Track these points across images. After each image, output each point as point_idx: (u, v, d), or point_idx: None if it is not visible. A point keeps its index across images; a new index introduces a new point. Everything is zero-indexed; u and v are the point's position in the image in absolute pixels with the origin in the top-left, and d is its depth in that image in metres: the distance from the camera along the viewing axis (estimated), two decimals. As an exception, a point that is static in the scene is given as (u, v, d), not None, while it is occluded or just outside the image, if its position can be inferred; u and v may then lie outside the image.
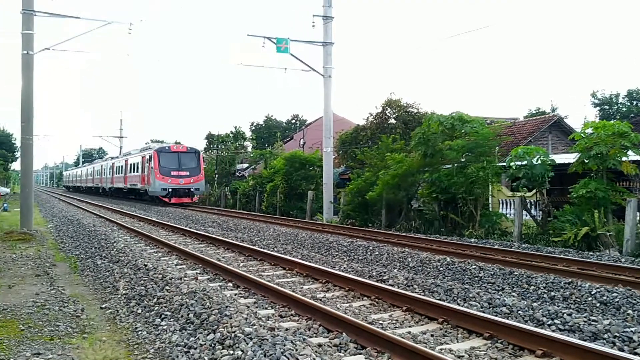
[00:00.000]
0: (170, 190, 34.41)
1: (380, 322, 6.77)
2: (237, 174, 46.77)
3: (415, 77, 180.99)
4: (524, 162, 15.79)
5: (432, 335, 6.21)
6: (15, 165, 79.29)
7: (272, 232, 17.70)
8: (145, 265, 10.26)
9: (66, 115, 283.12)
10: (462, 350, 5.68)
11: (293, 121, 75.35)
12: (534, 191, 16.36)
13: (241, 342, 5.45)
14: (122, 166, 43.50)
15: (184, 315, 6.80)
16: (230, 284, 9.09)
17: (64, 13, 19.95)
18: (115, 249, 12.96)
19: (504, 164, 17.05)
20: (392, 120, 30.86)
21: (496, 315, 6.87)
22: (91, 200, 41.13)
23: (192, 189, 35.27)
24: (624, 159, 14.32)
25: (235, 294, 8.29)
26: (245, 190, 34.61)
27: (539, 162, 15.51)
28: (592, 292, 8.32)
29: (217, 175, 45.39)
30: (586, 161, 14.51)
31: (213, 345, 5.62)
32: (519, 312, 7.13)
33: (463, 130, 17.91)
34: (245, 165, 48.73)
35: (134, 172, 39.63)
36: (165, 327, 6.52)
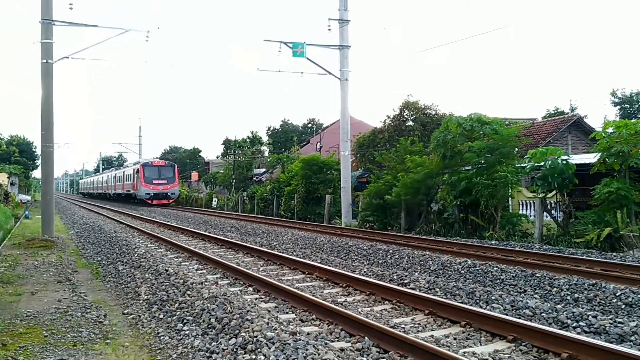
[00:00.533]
0: (152, 194, 45.06)
1: (403, 325, 6.72)
2: (255, 178, 47.28)
3: (433, 78, 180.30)
4: (542, 163, 15.60)
5: (455, 339, 6.15)
6: (36, 173, 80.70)
7: (291, 237, 17.70)
8: (166, 271, 10.32)
9: (86, 123, 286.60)
10: (486, 353, 5.62)
11: (309, 125, 75.39)
12: (554, 192, 16.17)
13: (263, 347, 5.44)
14: (121, 176, 54.33)
15: (206, 320, 6.80)
16: (251, 289, 9.10)
17: (82, 22, 20.23)
18: (136, 255, 13.06)
19: (524, 165, 16.87)
20: (410, 123, 30.70)
21: (519, 318, 6.81)
22: (111, 207, 42.29)
23: (169, 193, 46.21)
24: (646, 158, 14.09)
25: (256, 299, 8.30)
26: (263, 194, 34.74)
27: (563, 163, 15.27)
28: (617, 294, 8.19)
29: (234, 180, 45.83)
30: (607, 160, 14.31)
31: (235, 350, 5.62)
32: (543, 314, 7.05)
33: (482, 132, 17.76)
34: (263, 170, 48.93)
35: (128, 181, 50.15)
36: (187, 332, 6.54)
